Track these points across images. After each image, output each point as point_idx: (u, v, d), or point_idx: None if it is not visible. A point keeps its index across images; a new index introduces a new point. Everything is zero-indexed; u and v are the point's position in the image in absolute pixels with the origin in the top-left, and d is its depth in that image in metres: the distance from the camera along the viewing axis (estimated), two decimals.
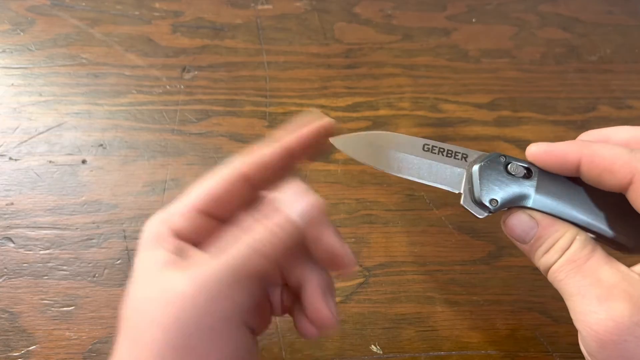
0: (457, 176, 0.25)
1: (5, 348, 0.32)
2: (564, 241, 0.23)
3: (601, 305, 0.21)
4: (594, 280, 0.22)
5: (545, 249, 0.24)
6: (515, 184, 0.24)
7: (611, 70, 0.47)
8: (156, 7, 0.48)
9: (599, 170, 0.22)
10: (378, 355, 0.33)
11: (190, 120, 0.42)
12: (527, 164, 0.25)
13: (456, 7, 0.50)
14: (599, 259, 0.22)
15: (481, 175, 0.24)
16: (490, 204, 0.24)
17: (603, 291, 0.21)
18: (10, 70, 0.43)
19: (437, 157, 0.25)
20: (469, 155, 0.25)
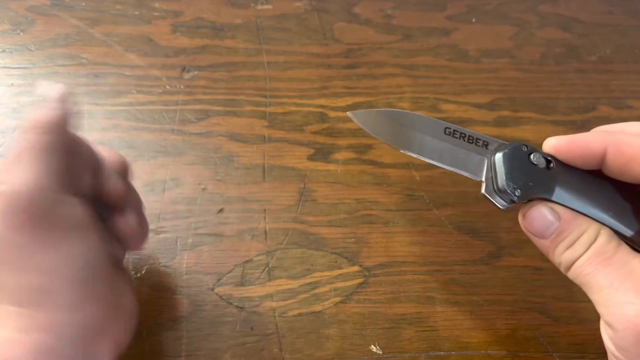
0: (478, 163, 0.24)
1: None
2: (588, 235, 0.23)
3: (638, 295, 0.20)
4: (626, 272, 0.21)
5: (569, 243, 0.23)
6: (538, 174, 0.24)
7: (611, 71, 0.47)
8: (156, 7, 0.48)
9: (626, 159, 0.22)
10: (378, 355, 0.33)
11: (190, 120, 0.42)
12: (548, 156, 0.24)
13: (456, 7, 0.50)
14: (627, 253, 0.22)
15: (505, 163, 0.24)
16: (513, 193, 0.23)
17: (636, 283, 0.21)
18: (10, 70, 0.43)
19: (458, 141, 0.24)
20: (489, 143, 0.25)
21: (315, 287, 0.35)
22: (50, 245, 0.21)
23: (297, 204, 0.39)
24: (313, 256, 0.36)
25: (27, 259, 0.21)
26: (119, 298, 0.24)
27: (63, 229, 0.22)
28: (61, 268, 0.21)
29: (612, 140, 0.23)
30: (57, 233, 0.21)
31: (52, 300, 0.21)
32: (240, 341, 0.33)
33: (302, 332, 0.33)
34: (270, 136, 0.42)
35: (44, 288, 0.21)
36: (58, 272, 0.21)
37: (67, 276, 0.21)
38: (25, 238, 0.21)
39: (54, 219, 0.21)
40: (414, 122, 0.24)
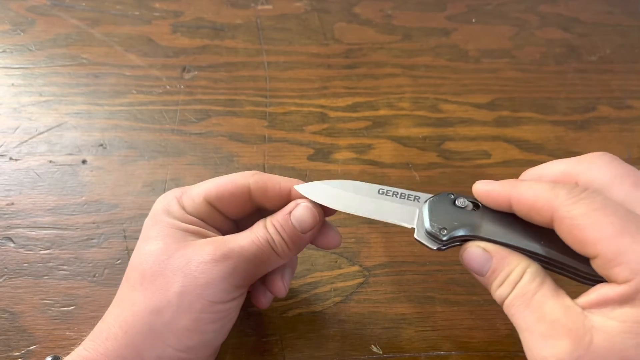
0: (410, 214, 0.27)
1: (6, 348, 0.32)
2: (515, 274, 0.23)
3: (545, 342, 0.21)
4: (539, 315, 0.22)
5: (500, 282, 0.24)
6: (463, 215, 0.26)
7: (611, 71, 0.47)
8: (156, 7, 0.48)
9: (526, 209, 0.23)
10: (378, 355, 0.33)
11: (190, 120, 0.42)
12: (474, 199, 0.26)
13: (456, 7, 0.51)
14: (546, 292, 0.22)
15: (431, 209, 0.26)
16: (440, 233, 0.26)
17: (547, 327, 0.21)
18: (11, 70, 0.43)
19: (392, 198, 0.27)
20: (420, 197, 0.27)
21: (315, 287, 0.35)
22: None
23: None
24: (313, 256, 0.36)
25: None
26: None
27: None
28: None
29: (514, 192, 0.24)
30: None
31: None
32: (240, 341, 0.33)
33: (302, 332, 0.34)
34: (270, 136, 0.42)
35: None
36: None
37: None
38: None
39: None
40: (351, 188, 0.28)
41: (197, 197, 0.27)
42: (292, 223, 0.27)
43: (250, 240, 0.26)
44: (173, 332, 0.24)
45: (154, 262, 0.25)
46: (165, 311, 0.24)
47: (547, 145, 0.43)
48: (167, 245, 0.25)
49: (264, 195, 0.28)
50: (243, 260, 0.25)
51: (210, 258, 0.25)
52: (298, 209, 0.27)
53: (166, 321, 0.24)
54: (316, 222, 0.27)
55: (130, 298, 0.25)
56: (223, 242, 0.26)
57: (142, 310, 0.25)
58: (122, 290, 0.26)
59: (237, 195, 0.28)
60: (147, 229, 0.27)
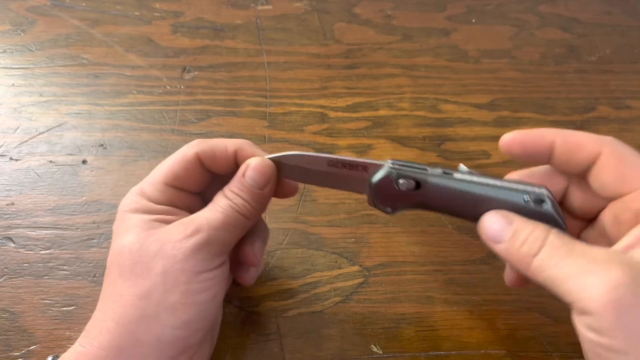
0: (360, 183, 0.28)
1: (6, 348, 0.32)
2: (540, 231, 0.24)
3: (598, 277, 0.21)
4: (591, 258, 0.22)
5: (523, 241, 0.24)
6: (405, 196, 0.27)
7: (610, 71, 0.47)
8: (156, 8, 0.48)
9: (572, 146, 0.26)
10: (378, 355, 0.33)
11: (191, 121, 0.42)
12: (416, 179, 0.27)
13: (456, 8, 0.51)
14: (584, 244, 0.23)
15: (375, 190, 0.28)
16: (386, 209, 0.28)
17: (597, 266, 0.21)
18: (11, 70, 0.43)
19: (342, 170, 0.28)
20: (368, 167, 0.28)
21: (315, 287, 0.35)
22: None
23: (297, 204, 0.39)
24: (313, 256, 0.36)
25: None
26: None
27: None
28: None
29: (560, 133, 0.26)
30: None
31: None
32: (240, 341, 0.33)
33: (302, 331, 0.34)
34: (270, 136, 0.42)
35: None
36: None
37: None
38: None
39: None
40: (302, 161, 0.29)
41: (157, 185, 0.28)
42: (248, 183, 0.28)
43: (215, 210, 0.27)
44: (166, 309, 0.25)
45: (128, 253, 0.26)
46: (153, 292, 0.25)
47: None
48: (138, 235, 0.26)
49: (214, 161, 0.29)
50: (214, 229, 0.26)
51: (183, 236, 0.26)
52: (249, 170, 0.28)
53: (156, 301, 0.25)
54: (269, 176, 0.28)
55: (115, 293, 0.26)
56: (190, 220, 0.27)
57: (129, 298, 0.25)
58: (105, 289, 0.27)
59: (190, 168, 0.28)
60: (115, 229, 0.28)
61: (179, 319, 0.25)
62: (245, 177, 0.28)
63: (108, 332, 0.25)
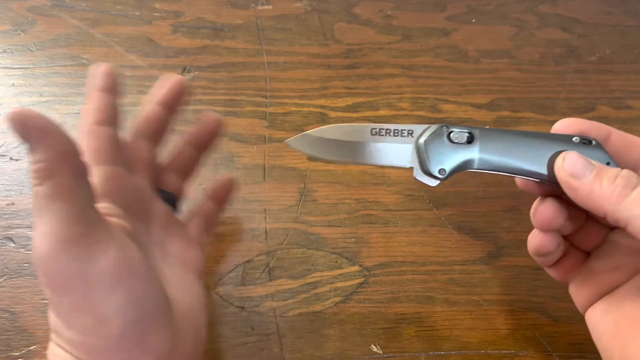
0: (407, 152, 0.27)
1: (6, 348, 0.32)
2: (629, 171, 0.24)
3: None
4: None
5: (615, 175, 0.24)
6: (460, 151, 0.26)
7: (610, 71, 0.47)
8: (156, 8, 0.48)
9: (626, 141, 0.27)
10: (378, 355, 0.33)
11: (191, 121, 0.42)
12: (468, 130, 0.26)
13: (456, 8, 0.51)
14: None
15: (427, 148, 0.26)
16: (439, 174, 0.26)
17: None
18: (11, 70, 0.43)
19: (386, 138, 0.26)
20: (414, 131, 0.27)
21: (315, 287, 0.35)
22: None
23: (297, 204, 0.39)
24: (313, 256, 0.36)
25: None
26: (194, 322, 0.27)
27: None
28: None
29: (614, 129, 0.27)
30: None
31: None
32: (240, 341, 0.33)
33: (302, 332, 0.34)
34: (270, 136, 0.42)
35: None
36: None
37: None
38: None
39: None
40: (341, 133, 0.27)
41: None
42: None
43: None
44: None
45: None
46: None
47: None
48: None
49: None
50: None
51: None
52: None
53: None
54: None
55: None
56: None
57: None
58: None
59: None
60: None
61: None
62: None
63: None
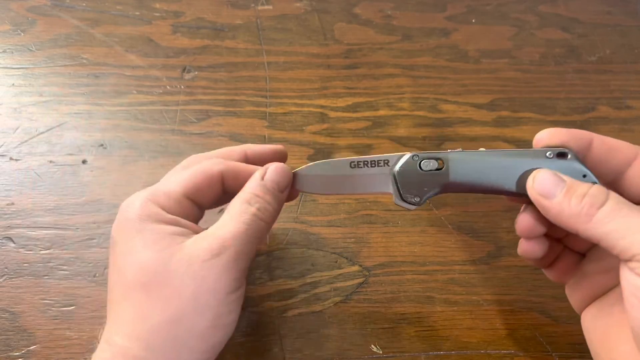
0: (386, 180, 0.28)
1: (6, 348, 0.32)
2: (599, 187, 0.24)
3: None
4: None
5: (584, 193, 0.24)
6: (431, 178, 0.27)
7: (610, 71, 0.47)
8: (156, 8, 0.48)
9: (608, 147, 0.26)
10: (378, 355, 0.33)
11: (191, 121, 0.42)
12: (439, 157, 0.27)
13: (456, 8, 0.51)
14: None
15: (400, 179, 0.28)
16: (414, 200, 0.28)
17: None
18: (11, 70, 0.43)
19: (364, 169, 0.28)
20: (389, 160, 0.28)
21: (315, 287, 0.35)
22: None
23: (297, 204, 0.39)
24: (313, 256, 0.36)
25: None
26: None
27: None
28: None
29: (597, 135, 0.26)
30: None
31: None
32: (240, 341, 0.33)
33: (302, 332, 0.34)
34: (270, 136, 0.42)
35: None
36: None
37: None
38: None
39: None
40: (326, 169, 0.29)
41: (176, 195, 0.27)
42: (269, 185, 0.27)
43: (239, 222, 0.26)
44: (197, 335, 0.24)
45: (154, 272, 0.24)
46: (184, 318, 0.24)
47: None
48: (159, 253, 0.25)
49: (236, 181, 0.28)
50: (240, 243, 0.25)
51: (210, 254, 0.24)
52: (270, 172, 0.28)
53: (188, 327, 0.24)
54: (289, 178, 0.28)
55: (138, 314, 0.24)
56: (213, 235, 0.25)
57: (159, 322, 0.24)
58: (121, 308, 0.25)
59: (213, 185, 0.28)
60: (128, 239, 0.26)
61: (207, 344, 0.25)
62: (265, 179, 0.27)
63: (134, 358, 0.24)
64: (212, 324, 0.24)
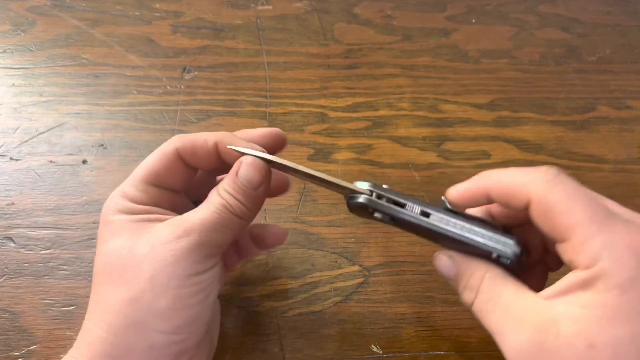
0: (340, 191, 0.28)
1: (6, 348, 0.32)
2: (475, 278, 0.25)
3: (515, 339, 0.22)
4: (506, 316, 0.23)
5: (463, 286, 0.26)
6: (381, 222, 0.27)
7: (610, 71, 0.47)
8: (156, 8, 0.48)
9: (504, 195, 0.24)
10: (378, 355, 0.33)
11: (191, 121, 0.42)
12: (392, 216, 0.27)
13: (456, 8, 0.51)
14: (509, 294, 0.24)
15: (352, 211, 0.28)
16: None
17: (514, 325, 0.23)
18: (11, 70, 0.43)
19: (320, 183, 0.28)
20: (345, 190, 0.28)
21: (315, 287, 0.35)
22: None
23: (297, 204, 0.39)
24: (313, 256, 0.36)
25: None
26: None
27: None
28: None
29: (490, 182, 0.25)
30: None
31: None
32: (240, 341, 0.33)
33: (302, 332, 0.34)
34: None
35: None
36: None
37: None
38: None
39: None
40: (284, 167, 0.28)
41: (138, 184, 0.27)
42: (241, 183, 0.26)
43: (208, 211, 0.26)
44: (157, 315, 0.24)
45: (117, 257, 0.25)
46: (142, 298, 0.24)
47: (546, 146, 0.43)
48: (126, 238, 0.25)
49: (194, 156, 0.27)
50: (206, 230, 0.25)
51: (172, 237, 0.24)
52: (242, 168, 0.26)
53: (145, 307, 0.24)
54: (264, 175, 0.27)
55: (103, 300, 0.25)
56: (181, 219, 0.25)
57: (117, 304, 0.24)
58: (93, 297, 0.26)
59: (170, 165, 0.27)
60: (101, 233, 0.26)
61: (170, 324, 0.24)
62: (238, 176, 0.26)
63: (99, 340, 0.24)
64: (173, 305, 0.24)
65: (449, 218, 0.26)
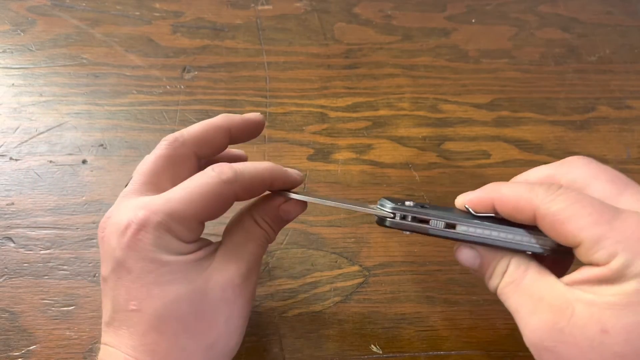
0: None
1: (6, 348, 0.32)
2: (501, 266, 0.26)
3: (532, 318, 0.24)
4: (527, 296, 0.24)
5: (490, 275, 0.27)
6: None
7: (610, 71, 0.47)
8: (156, 8, 0.48)
9: (509, 210, 0.25)
10: (378, 355, 0.33)
11: (191, 121, 0.42)
12: (417, 232, 0.27)
13: (456, 8, 0.51)
14: (532, 276, 0.25)
15: (380, 225, 0.28)
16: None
17: (533, 305, 0.24)
18: (11, 70, 0.43)
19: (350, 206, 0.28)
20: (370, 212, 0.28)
21: (315, 287, 0.35)
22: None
23: None
24: (313, 256, 0.36)
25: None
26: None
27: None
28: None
29: (496, 195, 0.26)
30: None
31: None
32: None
33: (302, 332, 0.34)
34: (270, 136, 0.42)
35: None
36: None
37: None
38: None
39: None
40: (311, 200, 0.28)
41: (191, 223, 0.25)
42: (284, 217, 0.28)
43: (255, 244, 0.27)
44: (227, 355, 0.26)
45: (189, 304, 0.24)
46: (218, 343, 0.25)
47: (546, 146, 0.43)
48: (192, 282, 0.24)
49: (247, 193, 0.26)
50: (258, 263, 0.28)
51: (241, 278, 0.26)
52: (289, 205, 0.28)
53: (220, 351, 0.25)
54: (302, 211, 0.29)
55: (174, 345, 0.24)
56: (237, 255, 0.26)
57: (198, 353, 0.24)
58: (152, 340, 0.24)
59: (225, 207, 0.26)
60: (148, 270, 0.24)
61: (233, 352, 0.27)
62: (281, 210, 0.28)
63: None
64: (239, 341, 0.26)
65: (475, 227, 0.26)
